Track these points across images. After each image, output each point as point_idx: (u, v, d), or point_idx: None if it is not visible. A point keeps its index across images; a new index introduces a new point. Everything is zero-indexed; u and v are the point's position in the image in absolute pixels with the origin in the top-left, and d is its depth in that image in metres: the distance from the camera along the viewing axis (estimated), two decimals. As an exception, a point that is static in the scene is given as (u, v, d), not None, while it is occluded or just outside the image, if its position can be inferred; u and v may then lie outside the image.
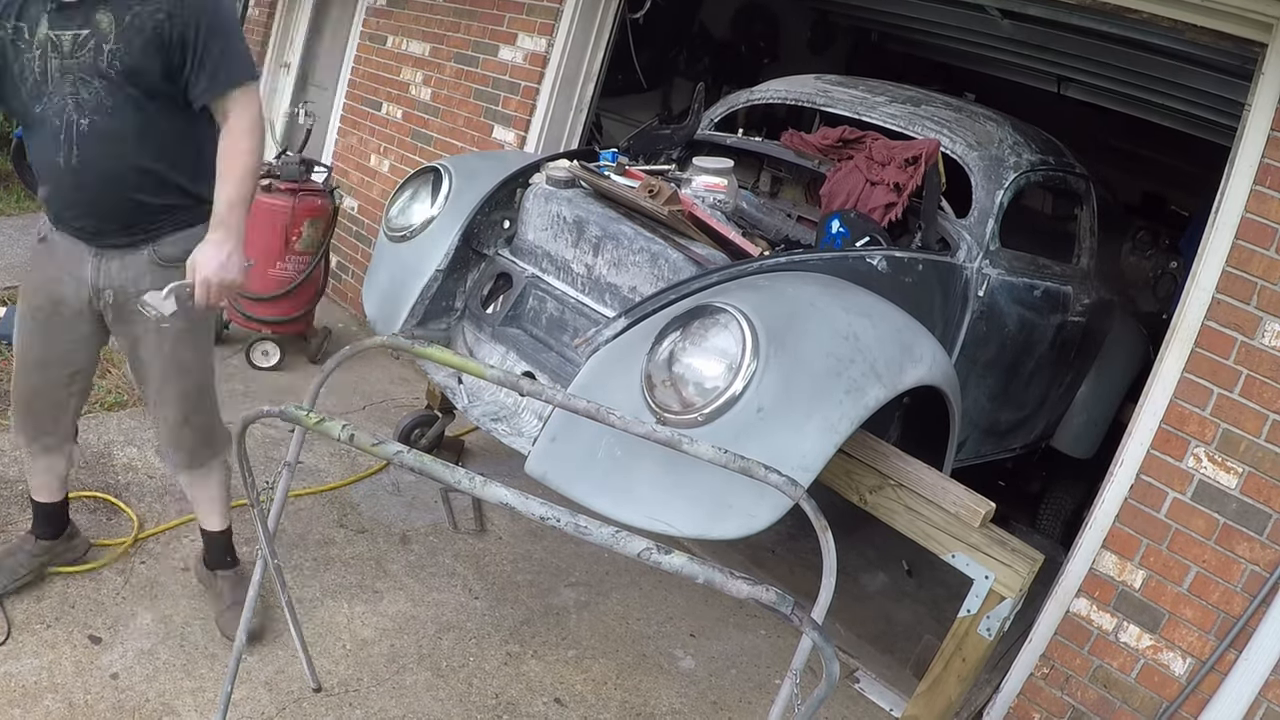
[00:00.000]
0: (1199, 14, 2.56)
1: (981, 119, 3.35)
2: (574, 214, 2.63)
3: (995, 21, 4.15)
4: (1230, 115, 3.63)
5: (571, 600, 2.96)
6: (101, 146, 1.95)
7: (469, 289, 2.83)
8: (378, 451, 1.33)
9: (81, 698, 2.06)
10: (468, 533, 3.18)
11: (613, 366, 2.18)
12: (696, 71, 6.12)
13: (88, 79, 1.91)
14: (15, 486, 2.74)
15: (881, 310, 2.33)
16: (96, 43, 1.89)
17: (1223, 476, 2.41)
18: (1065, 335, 3.56)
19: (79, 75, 1.90)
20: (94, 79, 1.91)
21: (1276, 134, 2.33)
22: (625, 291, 2.50)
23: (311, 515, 3.03)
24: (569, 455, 2.11)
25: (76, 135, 1.93)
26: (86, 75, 1.90)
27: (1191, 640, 2.46)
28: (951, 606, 2.52)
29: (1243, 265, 2.38)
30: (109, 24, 1.89)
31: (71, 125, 1.93)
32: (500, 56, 4.44)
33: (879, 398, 2.10)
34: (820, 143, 3.25)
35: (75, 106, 1.92)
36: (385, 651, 2.49)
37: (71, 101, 1.91)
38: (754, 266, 2.38)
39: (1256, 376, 2.36)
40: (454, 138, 4.70)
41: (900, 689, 2.91)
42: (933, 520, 2.23)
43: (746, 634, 3.04)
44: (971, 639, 2.18)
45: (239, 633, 1.90)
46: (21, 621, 2.25)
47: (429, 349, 1.86)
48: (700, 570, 1.16)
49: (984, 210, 3.04)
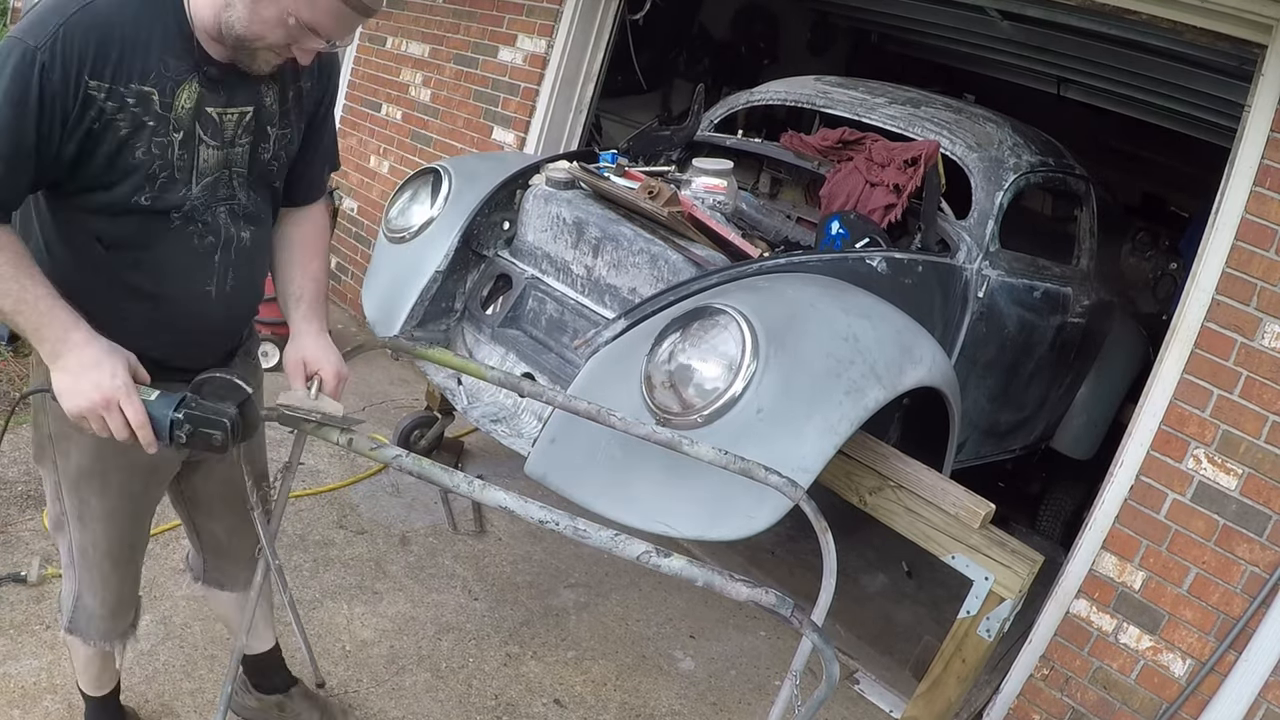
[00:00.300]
0: (1198, 15, 2.55)
1: (981, 120, 3.35)
2: (574, 215, 2.63)
3: (995, 23, 4.15)
4: (1230, 116, 3.63)
5: (571, 601, 2.96)
6: (254, 266, 1.54)
7: (468, 290, 2.83)
8: (376, 456, 1.32)
9: (80, 699, 2.06)
10: (467, 534, 3.17)
11: (612, 368, 2.18)
12: (696, 73, 6.12)
13: (245, 174, 1.46)
14: (15, 487, 2.75)
15: (881, 311, 2.33)
16: (260, 125, 1.45)
17: (1222, 478, 2.41)
18: (1065, 336, 3.56)
19: (237, 170, 1.45)
20: (252, 174, 1.48)
21: (1276, 135, 2.33)
22: (625, 293, 2.50)
23: (311, 516, 3.03)
24: (569, 456, 2.10)
25: (234, 254, 1.48)
26: (245, 170, 1.46)
27: (1191, 641, 2.46)
28: (951, 608, 2.52)
29: (1242, 266, 2.38)
30: (274, 101, 1.46)
31: (231, 241, 1.47)
32: (500, 58, 4.44)
33: (879, 399, 2.09)
34: (820, 144, 3.25)
35: (230, 215, 1.45)
36: (385, 652, 2.49)
37: (226, 209, 1.45)
38: (753, 268, 2.38)
39: (1256, 378, 2.36)
40: (454, 139, 4.70)
41: (900, 690, 2.91)
42: (932, 521, 2.23)
43: (746, 635, 3.03)
44: (971, 640, 2.18)
45: (240, 633, 1.90)
46: (21, 622, 2.25)
47: (429, 350, 1.85)
48: (700, 573, 1.15)
49: (984, 211, 3.04)
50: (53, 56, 1.19)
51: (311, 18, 1.29)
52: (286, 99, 1.49)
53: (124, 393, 1.25)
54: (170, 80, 1.31)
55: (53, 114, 1.22)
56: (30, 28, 1.20)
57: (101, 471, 1.54)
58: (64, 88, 1.21)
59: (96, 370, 1.24)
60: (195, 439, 1.29)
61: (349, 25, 1.35)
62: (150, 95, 1.29)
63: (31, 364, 1.54)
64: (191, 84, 1.33)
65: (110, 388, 1.24)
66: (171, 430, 1.28)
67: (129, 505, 1.61)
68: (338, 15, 1.31)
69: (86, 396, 1.23)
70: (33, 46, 1.19)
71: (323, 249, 1.68)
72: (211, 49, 1.34)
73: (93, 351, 1.25)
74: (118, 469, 1.55)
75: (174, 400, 1.29)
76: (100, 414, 1.24)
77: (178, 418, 1.27)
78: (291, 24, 1.29)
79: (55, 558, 2.48)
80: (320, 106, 1.59)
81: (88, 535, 1.62)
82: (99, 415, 1.24)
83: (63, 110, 1.22)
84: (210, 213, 1.42)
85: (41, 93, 1.19)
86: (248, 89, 1.41)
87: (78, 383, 1.24)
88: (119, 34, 1.25)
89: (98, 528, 1.61)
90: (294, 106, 1.51)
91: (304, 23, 1.29)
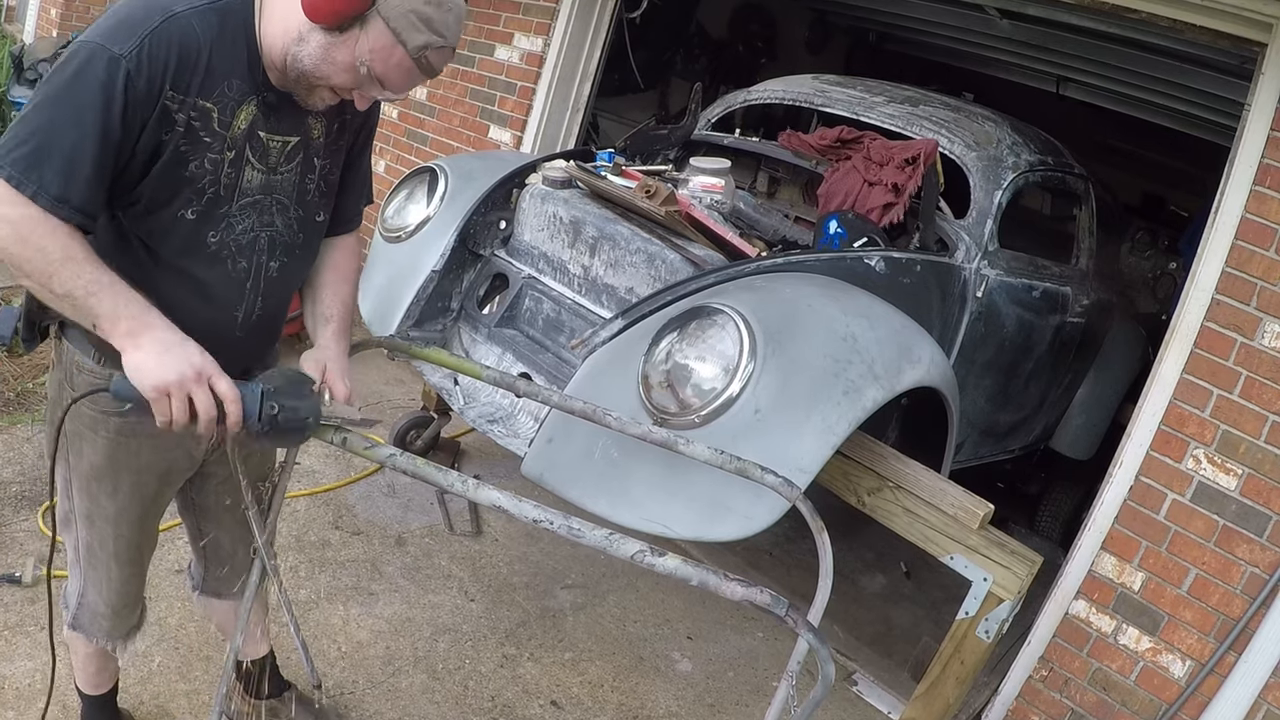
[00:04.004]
0: (1198, 13, 2.55)
1: (980, 119, 3.34)
2: (570, 214, 2.62)
3: (994, 21, 4.14)
4: (1230, 115, 3.62)
5: (568, 603, 2.95)
6: (282, 296, 1.53)
7: (465, 290, 2.82)
8: (371, 455, 1.32)
9: (76, 701, 2.04)
10: (463, 535, 3.16)
11: (609, 368, 2.17)
12: (693, 71, 6.12)
13: (287, 204, 1.46)
14: (10, 488, 2.73)
15: (879, 311, 2.32)
16: (306, 156, 1.45)
17: (1222, 478, 2.40)
18: (1064, 336, 3.56)
19: (278, 198, 1.44)
20: (294, 205, 1.47)
21: (1276, 134, 2.32)
22: (622, 292, 2.49)
23: (307, 517, 3.01)
24: (565, 457, 2.09)
25: (265, 283, 1.48)
26: (287, 199, 1.46)
27: (1191, 643, 2.45)
28: (950, 608, 2.51)
29: (1242, 266, 2.37)
30: (321, 132, 1.47)
31: (261, 270, 1.46)
32: (497, 56, 4.43)
33: (877, 399, 2.08)
34: (818, 143, 3.24)
35: (269, 243, 1.45)
36: (381, 654, 2.48)
37: (265, 236, 1.44)
38: (751, 267, 2.37)
39: (1256, 378, 2.35)
40: (450, 138, 4.69)
41: (898, 691, 2.90)
42: (931, 522, 2.22)
43: (744, 636, 3.03)
44: (970, 641, 2.17)
45: (235, 634, 1.88)
46: (15, 624, 2.23)
47: (426, 350, 1.84)
48: (694, 572, 1.15)
49: (982, 211, 3.03)
50: (139, 65, 1.20)
51: (384, 71, 1.31)
52: (331, 131, 1.50)
53: (216, 369, 1.25)
54: (232, 100, 1.32)
55: (133, 122, 1.23)
56: (112, 34, 1.21)
57: (114, 472, 1.54)
58: (147, 97, 1.23)
59: (183, 348, 1.25)
60: (281, 423, 1.28)
61: (414, 82, 1.37)
62: (211, 112, 1.30)
63: (54, 361, 1.52)
64: (250, 106, 1.34)
65: (202, 363, 1.25)
66: (261, 410, 1.26)
67: (138, 507, 1.61)
68: (408, 73, 1.33)
69: (177, 369, 1.23)
70: (118, 54, 1.19)
71: (354, 277, 1.69)
72: (273, 75, 1.36)
73: (174, 335, 1.26)
74: (131, 470, 1.55)
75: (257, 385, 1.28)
76: (190, 387, 1.23)
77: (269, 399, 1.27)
78: (363, 73, 1.31)
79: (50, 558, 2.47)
80: (359, 138, 1.60)
81: (95, 535, 1.62)
82: (188, 389, 1.23)
83: (142, 119, 1.24)
84: (246, 236, 1.43)
85: (126, 100, 1.21)
86: (297, 119, 1.42)
87: (163, 358, 1.23)
88: (196, 48, 1.27)
89: (106, 528, 1.60)
90: (337, 137, 1.53)
91: (375, 74, 1.32)
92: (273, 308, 1.53)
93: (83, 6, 6.75)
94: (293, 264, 1.53)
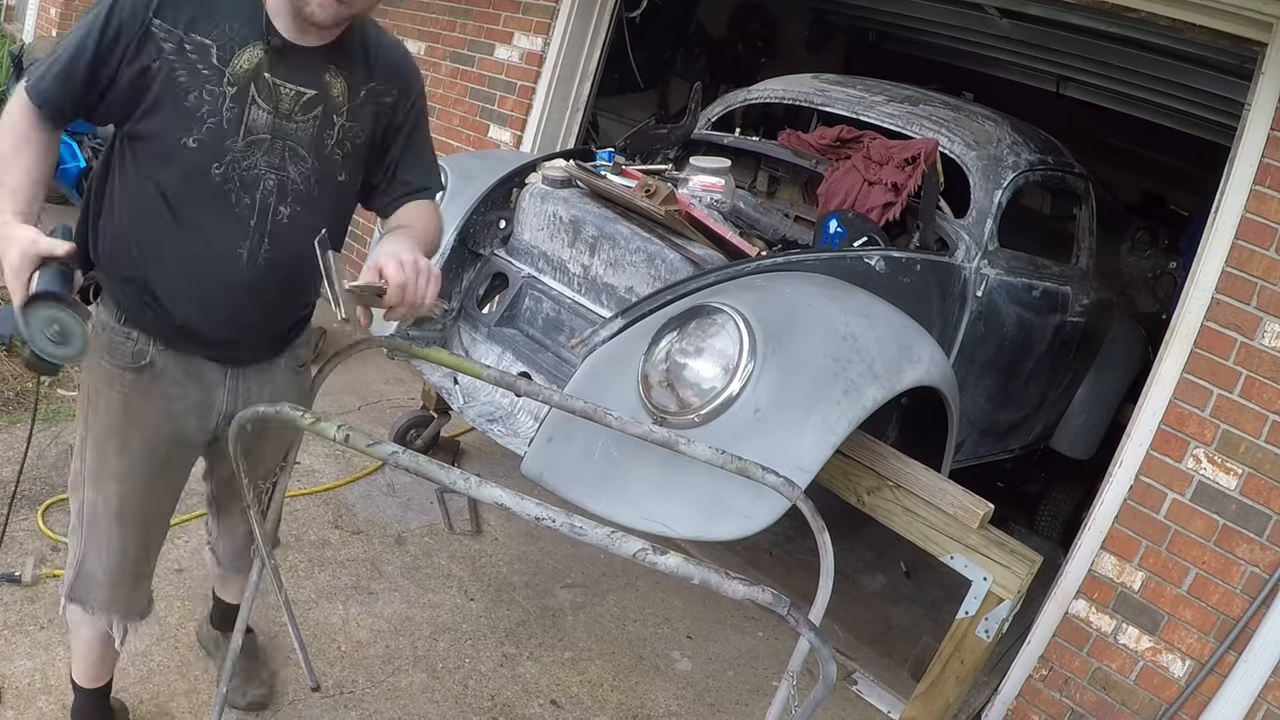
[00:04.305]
0: (1198, 13, 2.55)
1: (980, 118, 3.34)
2: (570, 214, 2.62)
3: (994, 20, 4.14)
4: (1230, 115, 3.62)
5: (568, 602, 2.95)
6: (295, 245, 1.53)
7: (465, 289, 2.81)
8: (373, 452, 1.31)
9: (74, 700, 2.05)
10: (463, 534, 3.16)
11: (609, 367, 2.17)
12: (693, 71, 6.11)
13: (303, 154, 1.51)
14: (8, 488, 2.73)
15: (879, 311, 2.32)
16: (326, 112, 1.51)
17: (1222, 477, 2.40)
18: (1064, 335, 3.55)
19: (292, 145, 1.49)
20: (311, 157, 1.52)
21: (1276, 134, 2.32)
22: (622, 292, 2.49)
23: (307, 516, 3.01)
24: (565, 456, 2.09)
25: (272, 225, 1.51)
26: (303, 149, 1.50)
27: (1191, 642, 2.45)
28: (950, 608, 2.51)
29: (1242, 265, 2.37)
30: (342, 92, 1.52)
31: (267, 211, 1.50)
32: (496, 55, 4.43)
33: (877, 398, 2.08)
34: (818, 142, 3.24)
35: (277, 186, 1.50)
36: (380, 653, 2.48)
37: (274, 179, 1.49)
38: (751, 267, 2.37)
39: (1256, 377, 2.35)
40: (450, 137, 4.69)
41: (898, 691, 2.90)
42: (931, 521, 2.22)
43: (744, 636, 3.03)
44: (970, 641, 2.17)
45: (235, 633, 1.88)
46: (15, 623, 2.23)
47: (426, 349, 1.84)
48: (695, 571, 1.14)
49: (982, 210, 3.03)
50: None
51: None
52: (358, 95, 1.54)
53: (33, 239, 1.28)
54: (232, 41, 1.42)
55: (115, 38, 1.37)
56: None
57: (125, 427, 1.60)
58: (131, 18, 1.37)
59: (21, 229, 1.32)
60: None
61: None
62: (209, 48, 1.41)
63: None
64: (254, 48, 1.43)
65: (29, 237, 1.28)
66: None
67: (145, 469, 1.64)
68: None
69: None
70: None
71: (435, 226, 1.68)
72: (278, 22, 1.45)
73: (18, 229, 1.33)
74: (141, 428, 1.60)
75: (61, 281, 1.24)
76: None
77: None
78: None
79: (50, 558, 2.47)
80: (409, 117, 1.64)
81: (100, 494, 1.65)
82: None
83: (125, 38, 1.38)
84: (250, 174, 1.47)
85: (109, 18, 1.37)
86: (312, 71, 1.49)
87: None
88: None
89: (112, 485, 1.64)
90: (368, 104, 1.56)
91: None
92: (284, 256, 1.54)
93: (82, 6, 6.75)
94: (306, 216, 1.54)
